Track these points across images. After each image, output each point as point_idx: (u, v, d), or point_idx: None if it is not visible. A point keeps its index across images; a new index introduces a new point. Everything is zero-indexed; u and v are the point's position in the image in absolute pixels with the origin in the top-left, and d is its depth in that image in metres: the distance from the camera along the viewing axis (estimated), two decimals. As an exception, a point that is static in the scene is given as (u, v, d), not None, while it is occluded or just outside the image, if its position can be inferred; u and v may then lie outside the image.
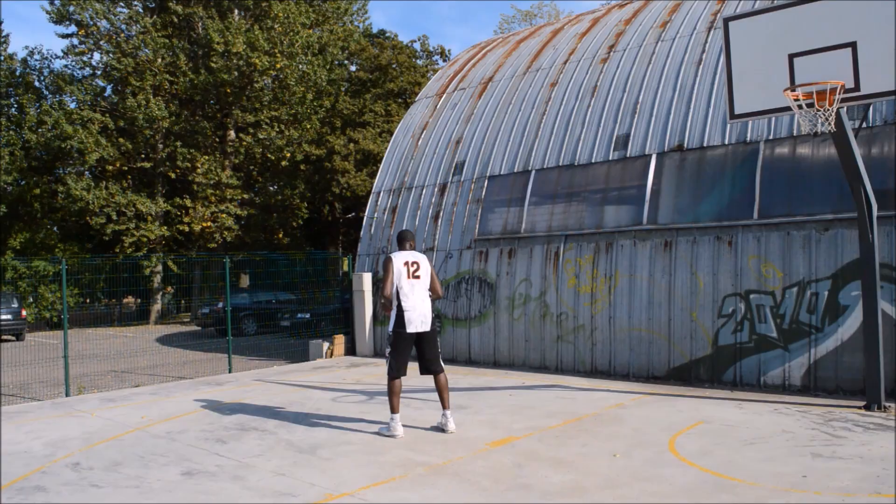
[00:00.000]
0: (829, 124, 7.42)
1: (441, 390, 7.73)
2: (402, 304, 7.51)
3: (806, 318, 9.44)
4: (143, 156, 30.68)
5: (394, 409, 7.59)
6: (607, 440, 7.16)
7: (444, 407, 7.75)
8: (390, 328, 7.61)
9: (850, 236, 9.13)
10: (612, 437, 7.30)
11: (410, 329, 7.51)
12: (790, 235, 9.70)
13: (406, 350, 7.62)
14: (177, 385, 11.99)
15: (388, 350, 7.65)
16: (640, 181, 11.52)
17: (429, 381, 7.92)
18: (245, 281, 32.61)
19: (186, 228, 30.02)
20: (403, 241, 7.92)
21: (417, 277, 7.60)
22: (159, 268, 31.19)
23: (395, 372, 7.56)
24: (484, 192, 13.62)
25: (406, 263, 7.62)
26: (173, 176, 30.71)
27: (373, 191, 16.19)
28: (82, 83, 30.84)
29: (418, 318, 7.55)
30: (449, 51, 38.88)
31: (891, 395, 8.59)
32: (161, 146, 30.57)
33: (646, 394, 9.66)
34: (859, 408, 8.21)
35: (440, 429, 7.76)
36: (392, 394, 7.58)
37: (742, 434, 7.23)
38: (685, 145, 11.20)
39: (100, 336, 23.72)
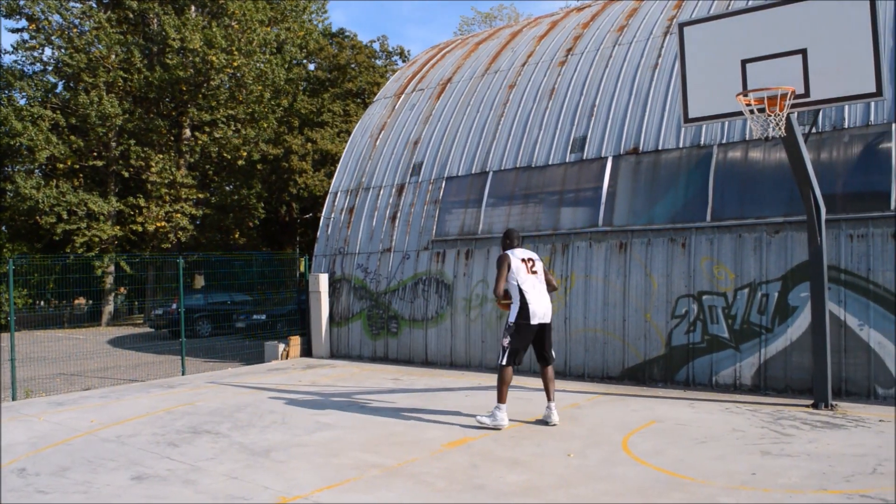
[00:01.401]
0: (780, 129, 7.56)
1: (548, 382, 7.90)
2: (526, 297, 7.66)
3: (757, 318, 9.62)
4: (95, 154, 30.04)
5: (502, 399, 7.73)
6: (562, 440, 7.21)
7: (549, 399, 7.92)
8: (512, 319, 7.70)
9: (799, 239, 9.33)
10: (566, 437, 7.35)
11: (534, 321, 7.65)
12: (742, 238, 9.88)
13: (527, 341, 7.78)
14: (128, 388, 11.77)
15: (507, 340, 7.71)
16: (596, 183, 11.63)
17: (385, 382, 7.89)
18: (200, 282, 32.15)
19: (140, 228, 29.50)
20: (514, 238, 8.17)
21: (535, 273, 7.85)
22: (111, 268, 30.56)
23: (513, 360, 7.71)
24: (442, 193, 13.63)
25: (523, 260, 7.85)
26: (126, 175, 30.16)
27: (330, 191, 16.09)
28: (32, 79, 30.09)
29: (542, 310, 7.73)
30: (408, 51, 38.84)
31: (837, 393, 8.80)
32: (114, 144, 29.98)
33: (601, 394, 9.74)
34: (807, 406, 8.39)
35: (544, 422, 7.89)
36: (503, 383, 7.70)
37: (694, 433, 7.33)
38: (640, 148, 11.34)
39: (49, 338, 23.15)
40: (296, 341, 15.00)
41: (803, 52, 7.54)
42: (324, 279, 14.77)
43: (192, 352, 16.13)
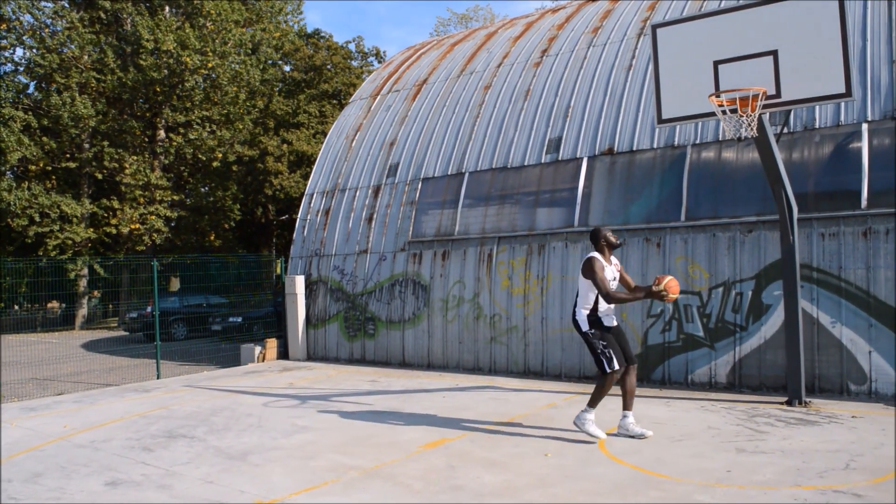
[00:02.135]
0: (752, 130, 7.64)
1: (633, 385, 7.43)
2: (599, 305, 7.16)
3: (731, 317, 9.71)
4: (68, 155, 29.65)
5: (596, 405, 7.21)
6: (539, 440, 7.23)
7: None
8: (585, 328, 7.16)
9: (772, 238, 9.43)
10: (544, 436, 7.37)
11: (611, 324, 7.23)
12: (716, 237, 9.97)
13: (616, 343, 7.24)
14: (102, 392, 11.64)
15: (600, 347, 7.09)
16: (571, 184, 11.68)
17: (362, 384, 7.85)
18: (175, 284, 31.87)
19: (114, 231, 29.16)
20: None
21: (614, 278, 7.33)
22: (85, 271, 30.17)
23: (619, 364, 7.10)
24: (418, 195, 13.62)
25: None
26: (100, 176, 29.78)
27: (306, 192, 16.02)
28: (3, 79, 29.64)
29: (613, 314, 7.33)
30: (384, 52, 38.77)
31: (811, 390, 8.91)
32: (87, 146, 29.62)
33: (578, 393, 9.78)
34: (781, 403, 8.48)
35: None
36: (608, 389, 7.13)
37: (670, 431, 7.38)
38: (615, 149, 11.40)
39: (21, 342, 22.80)
40: (272, 344, 14.92)
41: (774, 53, 7.63)
42: (300, 281, 14.71)
43: (167, 355, 15.98)
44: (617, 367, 7.03)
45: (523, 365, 11.56)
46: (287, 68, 37.11)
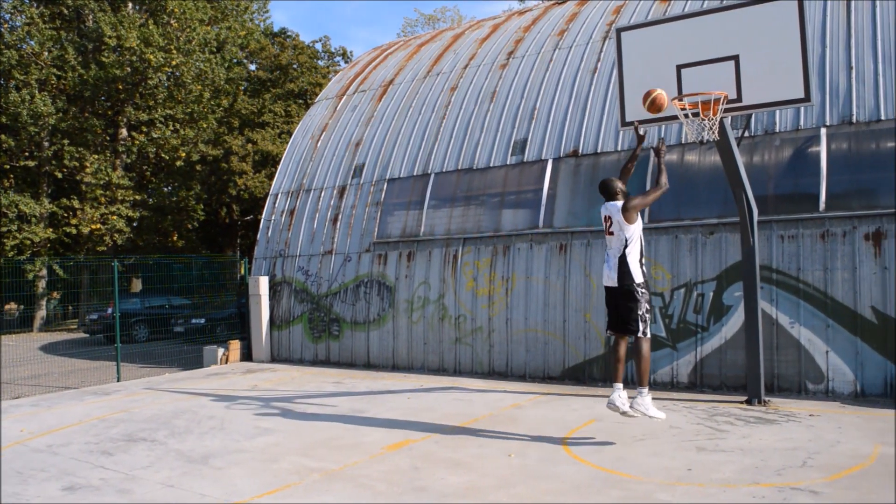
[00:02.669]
0: (714, 133, 7.73)
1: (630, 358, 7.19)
2: (642, 257, 6.93)
3: (693, 317, 9.83)
4: (26, 154, 29.05)
5: (647, 381, 6.90)
6: (503, 440, 7.25)
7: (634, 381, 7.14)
8: (640, 280, 6.80)
9: (733, 240, 9.56)
10: (507, 437, 7.40)
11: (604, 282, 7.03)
12: (678, 239, 10.08)
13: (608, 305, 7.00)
14: (60, 396, 11.43)
15: (645, 307, 6.79)
16: (536, 185, 11.73)
17: (326, 385, 7.81)
18: (137, 286, 31.40)
19: (74, 231, 28.63)
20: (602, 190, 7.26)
21: (611, 234, 7.01)
22: (44, 272, 29.61)
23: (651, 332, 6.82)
24: (383, 195, 13.58)
25: (605, 218, 7.12)
26: (60, 175, 29.23)
27: (270, 193, 15.90)
28: (-41, 75, 29.04)
29: (605, 273, 7.07)
30: (351, 52, 38.61)
31: (770, 389, 9.05)
32: (47, 144, 29.05)
33: (541, 394, 9.83)
34: (741, 402, 8.61)
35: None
36: (649, 359, 6.89)
37: (632, 431, 7.44)
38: (580, 151, 11.48)
39: (-23, 344, 22.35)
40: (235, 345, 14.77)
41: (736, 58, 7.73)
42: (264, 282, 14.58)
43: (127, 357, 15.75)
44: (650, 333, 6.87)
45: (488, 366, 11.59)
46: (252, 67, 36.79)
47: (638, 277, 6.80)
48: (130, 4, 30.31)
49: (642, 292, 6.80)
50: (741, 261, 8.84)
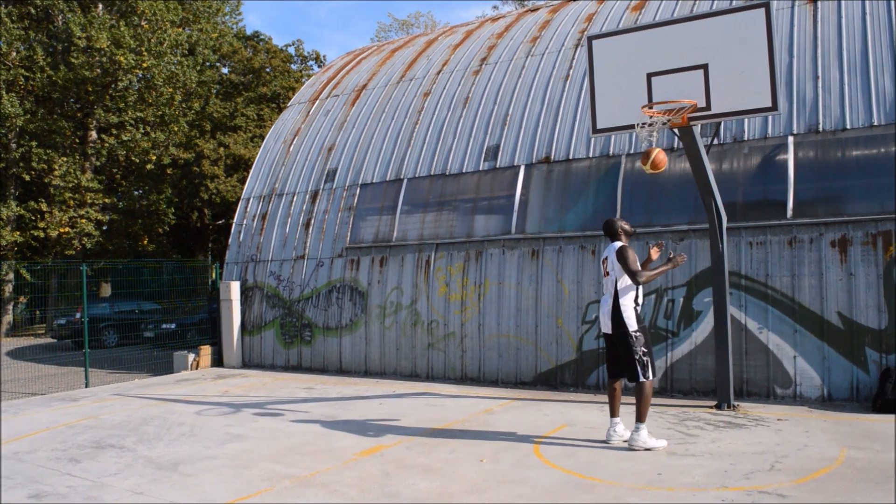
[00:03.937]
0: (653, 139, 7.85)
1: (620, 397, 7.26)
2: (638, 298, 7.01)
3: (663, 323, 9.92)
4: (-7, 156, 28.67)
5: (646, 417, 6.90)
6: (475, 446, 7.26)
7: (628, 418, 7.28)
8: (634, 327, 6.84)
9: (703, 246, 9.67)
10: (479, 442, 7.41)
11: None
12: (649, 245, 10.16)
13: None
14: (27, 402, 11.25)
15: (641, 351, 6.80)
16: (509, 191, 11.78)
17: (298, 391, 7.78)
18: (106, 290, 31.00)
19: (42, 234, 28.19)
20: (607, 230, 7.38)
21: (607, 274, 7.14)
22: (11, 276, 29.14)
23: (654, 371, 6.89)
24: (356, 200, 13.56)
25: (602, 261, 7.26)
26: (28, 178, 28.78)
27: (242, 197, 15.80)
28: (-77, 76, 28.52)
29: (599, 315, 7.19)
30: (324, 56, 38.53)
31: (739, 394, 9.16)
32: (14, 146, 28.60)
33: (514, 399, 9.86)
34: (711, 407, 8.70)
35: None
36: (650, 397, 6.87)
37: (603, 436, 7.48)
38: (552, 157, 11.55)
39: (-59, 349, 21.94)
40: (206, 351, 14.65)
41: (705, 67, 7.82)
42: (235, 287, 14.48)
43: (96, 363, 15.54)
44: (653, 375, 6.89)
45: (460, 371, 11.60)
46: (225, 70, 36.56)
47: (632, 324, 6.85)
48: (101, 5, 29.97)
49: (637, 337, 6.85)
50: (710, 267, 8.95)
